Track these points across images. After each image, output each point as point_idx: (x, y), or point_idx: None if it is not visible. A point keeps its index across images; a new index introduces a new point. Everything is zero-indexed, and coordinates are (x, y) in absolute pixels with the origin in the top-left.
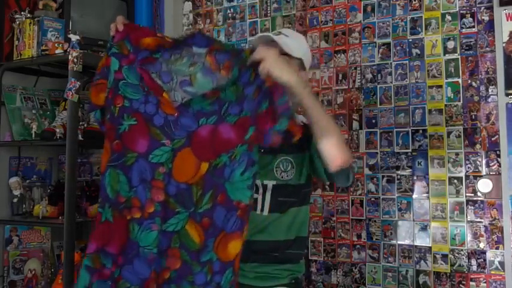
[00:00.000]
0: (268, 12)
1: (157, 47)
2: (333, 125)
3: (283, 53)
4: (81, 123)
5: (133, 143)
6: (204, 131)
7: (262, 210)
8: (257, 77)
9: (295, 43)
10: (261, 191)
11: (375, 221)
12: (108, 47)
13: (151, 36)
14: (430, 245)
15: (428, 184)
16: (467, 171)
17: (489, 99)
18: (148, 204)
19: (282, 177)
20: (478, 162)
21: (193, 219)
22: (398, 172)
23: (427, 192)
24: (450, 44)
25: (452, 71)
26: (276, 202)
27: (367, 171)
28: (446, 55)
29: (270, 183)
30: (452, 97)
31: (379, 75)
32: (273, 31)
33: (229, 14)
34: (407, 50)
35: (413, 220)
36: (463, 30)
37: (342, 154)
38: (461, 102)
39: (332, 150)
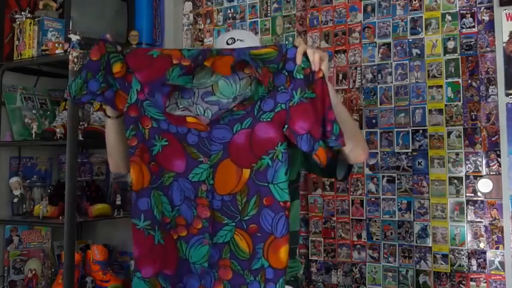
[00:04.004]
0: (269, 12)
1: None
2: (353, 124)
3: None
4: (81, 123)
5: (169, 163)
6: (241, 137)
7: None
8: (286, 64)
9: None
10: None
11: (375, 221)
12: (119, 57)
13: (159, 65)
14: (430, 245)
15: (428, 184)
16: (467, 171)
17: (489, 99)
18: (196, 221)
19: None
20: (478, 162)
21: (240, 227)
22: (398, 172)
23: (427, 192)
24: (450, 44)
25: (453, 71)
26: None
27: (367, 171)
28: (447, 55)
29: None
30: (452, 97)
31: (379, 75)
32: (227, 34)
33: (230, 14)
34: (408, 50)
35: (413, 220)
36: (463, 30)
37: (365, 150)
38: (461, 102)
39: (357, 149)
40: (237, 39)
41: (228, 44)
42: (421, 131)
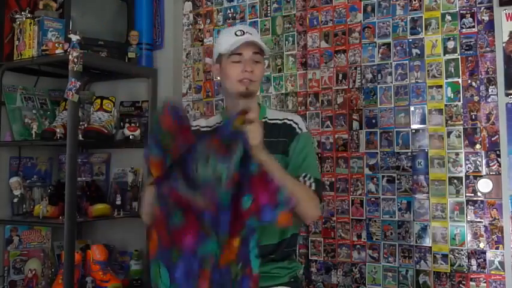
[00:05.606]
0: (268, 12)
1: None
2: (294, 186)
3: (258, 52)
4: (81, 123)
5: (182, 238)
6: (232, 208)
7: None
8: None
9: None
10: None
11: (375, 221)
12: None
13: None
14: (430, 245)
15: (428, 184)
16: (467, 171)
17: (489, 99)
18: None
19: None
20: (478, 162)
21: None
22: (398, 172)
23: (427, 192)
24: (450, 44)
25: (452, 71)
26: None
27: (367, 171)
28: (446, 55)
29: None
30: (452, 97)
31: (379, 75)
32: (234, 27)
33: (229, 14)
34: (407, 50)
35: (413, 220)
36: (463, 30)
37: (310, 208)
38: (461, 102)
39: (300, 207)
40: (246, 32)
41: (236, 35)
42: (421, 131)
